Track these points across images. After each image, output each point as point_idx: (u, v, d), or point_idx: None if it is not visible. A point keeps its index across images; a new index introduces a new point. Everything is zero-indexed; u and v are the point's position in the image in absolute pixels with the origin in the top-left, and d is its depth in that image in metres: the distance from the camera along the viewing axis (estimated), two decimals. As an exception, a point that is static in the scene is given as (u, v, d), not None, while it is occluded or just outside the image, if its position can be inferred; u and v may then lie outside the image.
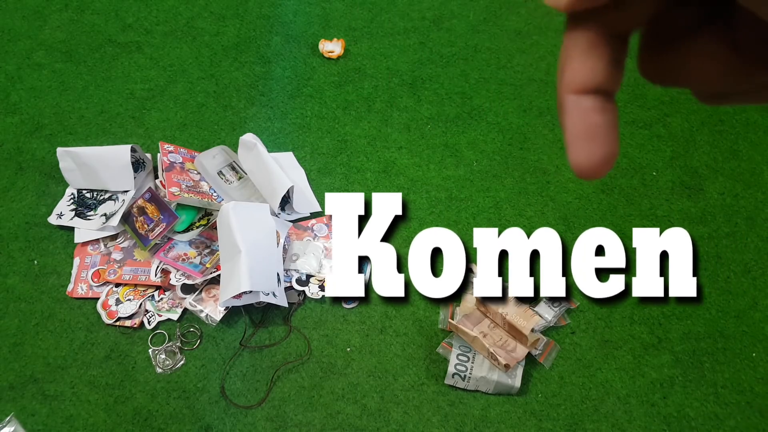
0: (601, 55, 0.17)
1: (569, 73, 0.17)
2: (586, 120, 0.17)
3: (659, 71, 0.18)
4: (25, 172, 1.31)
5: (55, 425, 1.06)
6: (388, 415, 1.07)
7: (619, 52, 0.17)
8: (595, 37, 0.17)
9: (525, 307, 1.08)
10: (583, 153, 0.17)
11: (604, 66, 0.17)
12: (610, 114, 0.17)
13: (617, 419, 1.08)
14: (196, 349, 1.13)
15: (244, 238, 1.06)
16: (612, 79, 0.17)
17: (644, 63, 0.18)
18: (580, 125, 0.17)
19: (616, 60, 0.17)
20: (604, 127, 0.17)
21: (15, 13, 1.56)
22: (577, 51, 0.17)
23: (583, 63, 0.17)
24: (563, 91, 0.17)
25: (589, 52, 0.17)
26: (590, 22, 0.17)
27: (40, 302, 1.17)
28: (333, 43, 1.50)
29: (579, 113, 0.17)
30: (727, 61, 0.16)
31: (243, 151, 1.26)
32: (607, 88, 0.17)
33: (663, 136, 1.40)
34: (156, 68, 1.48)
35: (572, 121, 0.17)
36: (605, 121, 0.17)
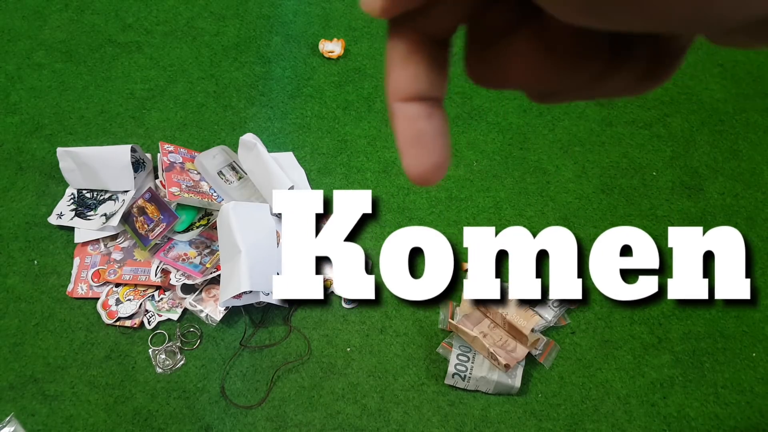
0: (419, 62, 0.17)
1: (392, 81, 0.17)
2: (413, 127, 0.17)
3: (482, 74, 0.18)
4: (25, 172, 1.31)
5: (55, 425, 1.06)
6: (388, 415, 1.07)
7: (441, 57, 0.17)
8: (413, 43, 0.17)
9: (525, 307, 1.08)
10: (413, 160, 0.17)
11: (423, 73, 0.17)
12: (436, 120, 0.17)
13: (617, 419, 1.08)
14: (196, 349, 1.13)
15: (244, 238, 1.06)
16: (433, 85, 0.17)
17: (468, 66, 0.18)
18: (407, 133, 0.17)
19: (436, 66, 0.17)
20: (431, 134, 0.17)
21: (15, 13, 1.56)
22: (397, 58, 0.17)
23: (404, 70, 0.17)
24: (389, 99, 0.17)
25: (408, 58, 0.17)
26: (407, 28, 0.16)
27: (40, 302, 1.17)
28: (333, 43, 1.50)
29: (405, 121, 0.17)
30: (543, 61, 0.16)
31: (243, 151, 1.26)
32: (431, 94, 0.17)
33: (663, 136, 1.40)
34: (156, 68, 1.48)
35: (400, 129, 0.17)
36: (432, 128, 0.17)
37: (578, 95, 0.17)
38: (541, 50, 0.16)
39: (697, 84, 1.48)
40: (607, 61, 0.16)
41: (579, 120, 1.42)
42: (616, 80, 0.16)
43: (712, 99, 1.46)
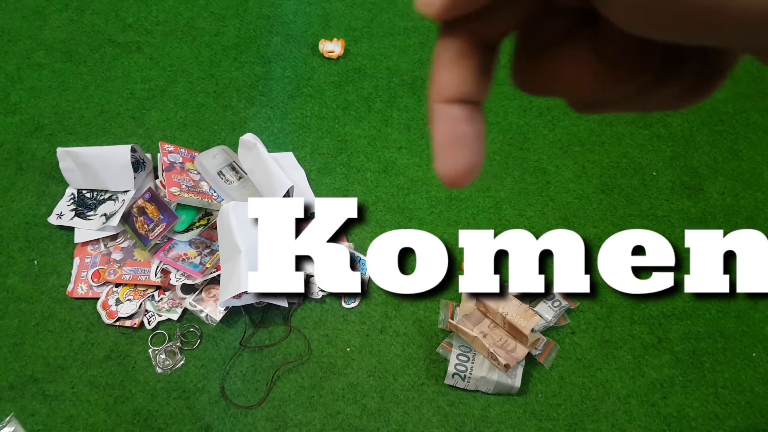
0: (468, 65, 0.17)
1: (437, 83, 0.17)
2: (453, 129, 0.17)
3: (531, 81, 0.18)
4: (25, 172, 1.31)
5: (55, 425, 1.06)
6: (388, 415, 1.07)
7: (488, 62, 0.17)
8: (465, 46, 0.17)
9: (525, 307, 1.08)
10: (448, 162, 0.17)
11: (471, 76, 0.17)
12: (476, 124, 0.17)
13: (617, 419, 1.08)
14: (196, 349, 1.13)
15: (244, 238, 1.06)
16: (479, 89, 0.17)
17: (516, 74, 0.18)
18: (446, 134, 0.17)
19: (484, 70, 0.17)
20: (470, 137, 0.17)
21: (15, 13, 1.56)
22: (446, 60, 0.17)
23: (451, 72, 0.17)
24: (432, 100, 0.17)
25: (457, 61, 0.17)
26: (460, 31, 0.17)
27: (40, 302, 1.17)
28: (333, 43, 1.50)
29: (446, 122, 0.17)
30: (593, 70, 0.16)
31: (243, 151, 1.26)
32: (475, 98, 0.17)
33: (663, 136, 1.40)
34: (156, 68, 1.48)
35: (439, 130, 0.17)
36: (471, 131, 0.17)
37: (622, 107, 0.18)
38: (594, 60, 0.16)
39: (697, 84, 1.48)
40: (656, 73, 0.16)
41: (579, 120, 1.42)
42: (661, 93, 0.17)
43: (712, 99, 1.46)
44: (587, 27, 0.16)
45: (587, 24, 0.16)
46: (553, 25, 0.17)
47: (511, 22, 0.17)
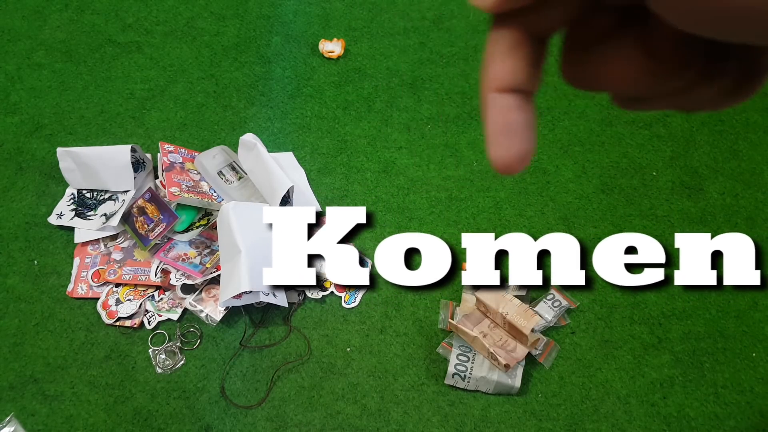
0: (521, 56, 0.17)
1: (491, 72, 0.18)
2: (506, 118, 0.18)
3: (579, 75, 0.19)
4: (25, 172, 1.31)
5: (55, 425, 1.06)
6: (388, 415, 1.07)
7: (539, 54, 0.18)
8: (517, 38, 0.17)
9: (525, 307, 1.08)
10: (501, 149, 0.18)
11: (523, 67, 0.18)
12: (527, 113, 0.18)
13: (617, 419, 1.08)
14: (196, 349, 1.13)
15: (244, 238, 1.06)
16: (531, 79, 0.18)
17: (565, 67, 0.19)
18: (499, 122, 0.18)
19: (536, 61, 0.18)
20: (522, 125, 0.18)
21: (15, 13, 1.56)
22: (500, 51, 0.18)
23: (505, 63, 0.18)
24: (485, 89, 0.18)
25: (510, 52, 0.17)
26: (513, 24, 0.17)
27: (40, 302, 1.17)
28: (333, 43, 1.50)
29: (499, 111, 0.18)
30: (640, 66, 0.17)
31: (243, 151, 1.26)
32: (526, 88, 0.18)
33: (663, 136, 1.40)
34: (156, 68, 1.48)
35: (493, 118, 0.18)
36: (523, 119, 0.18)
37: (666, 103, 0.18)
38: (640, 56, 0.17)
39: (697, 84, 1.48)
40: (701, 71, 0.17)
41: (579, 120, 1.42)
42: (704, 91, 0.17)
43: (712, 99, 1.46)
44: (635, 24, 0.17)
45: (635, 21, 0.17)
46: (602, 21, 0.17)
47: (562, 17, 0.17)
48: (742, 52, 0.17)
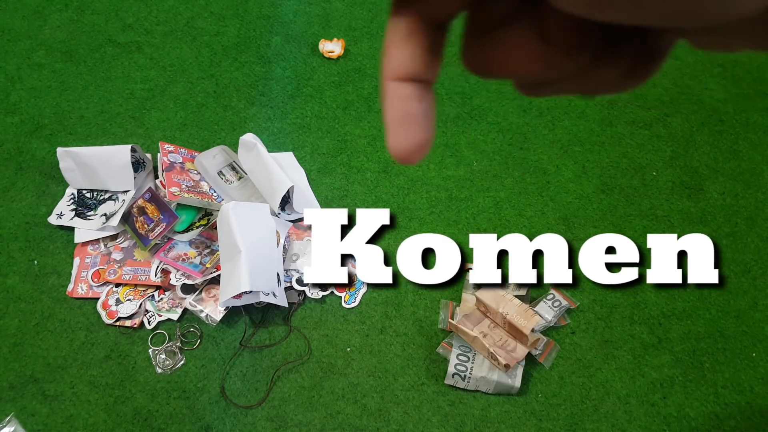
0: (418, 44, 0.17)
1: (389, 61, 0.17)
2: (403, 107, 0.17)
3: (479, 62, 0.18)
4: (25, 172, 1.31)
5: (55, 425, 1.06)
6: (388, 415, 1.07)
7: (437, 42, 0.18)
8: (414, 25, 0.17)
9: (525, 307, 1.08)
10: (399, 139, 0.18)
11: (420, 55, 0.17)
12: (426, 102, 0.18)
13: (617, 419, 1.08)
14: (196, 349, 1.13)
15: (244, 238, 1.06)
16: (428, 68, 0.17)
17: (465, 54, 0.19)
18: (397, 112, 0.17)
19: (434, 49, 0.18)
20: (420, 115, 0.17)
21: (15, 13, 1.56)
22: (397, 39, 0.17)
23: (402, 51, 0.17)
24: (384, 77, 0.18)
25: (407, 40, 0.17)
26: (410, 10, 0.17)
27: (40, 302, 1.17)
28: (333, 43, 1.50)
29: (397, 100, 0.17)
30: (537, 50, 0.17)
31: (243, 151, 1.26)
32: (424, 77, 0.18)
33: (663, 136, 1.40)
34: (156, 68, 1.48)
35: (391, 107, 0.18)
36: (421, 109, 0.18)
37: (565, 88, 0.18)
38: (536, 40, 0.17)
39: (697, 84, 1.48)
40: (596, 55, 0.17)
41: (579, 120, 1.42)
42: (601, 75, 0.17)
43: (712, 99, 1.46)
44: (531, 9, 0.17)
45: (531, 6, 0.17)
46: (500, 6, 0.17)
47: (459, 2, 0.17)
48: (638, 34, 0.17)
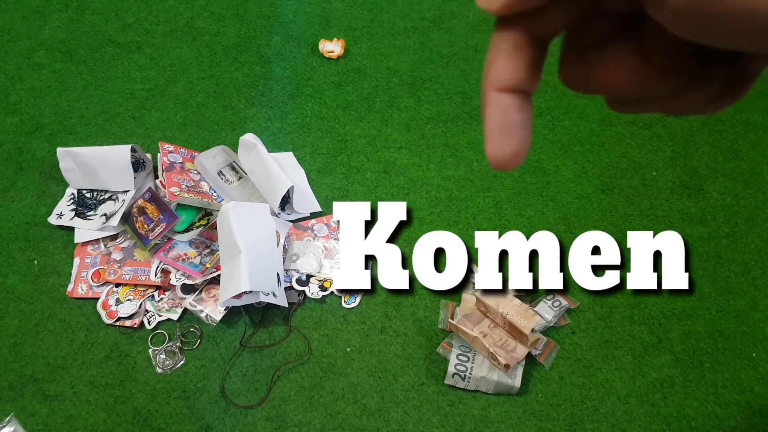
0: (523, 58, 0.18)
1: (493, 72, 0.18)
2: (504, 116, 0.18)
3: (576, 78, 0.19)
4: (25, 172, 1.31)
5: (55, 425, 1.06)
6: (388, 415, 1.07)
7: (540, 56, 0.19)
8: (520, 40, 0.18)
9: (525, 307, 1.08)
10: (498, 146, 0.19)
11: (524, 68, 0.18)
12: (525, 113, 0.19)
13: (617, 419, 1.08)
14: (196, 349, 1.13)
15: (244, 238, 1.06)
16: (531, 80, 0.19)
17: (564, 70, 0.20)
18: (498, 120, 0.18)
19: (536, 63, 0.19)
20: (519, 124, 0.18)
21: (15, 13, 1.56)
22: (503, 52, 0.18)
23: (507, 63, 0.18)
24: (486, 87, 0.19)
25: (513, 53, 0.18)
26: (517, 26, 0.18)
27: (40, 302, 1.17)
28: (333, 43, 1.50)
29: (499, 109, 0.18)
30: (635, 69, 0.18)
31: (243, 151, 1.26)
32: (526, 88, 0.19)
33: (663, 136, 1.40)
34: (156, 68, 1.48)
35: (492, 116, 0.19)
36: (521, 118, 0.19)
37: (657, 106, 0.19)
38: (635, 60, 0.18)
39: (697, 84, 1.48)
40: (691, 76, 0.18)
41: (579, 120, 1.42)
42: (694, 96, 0.18)
43: (712, 99, 1.46)
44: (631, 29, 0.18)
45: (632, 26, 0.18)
46: (601, 25, 0.18)
47: (563, 20, 0.18)
48: (731, 58, 0.18)
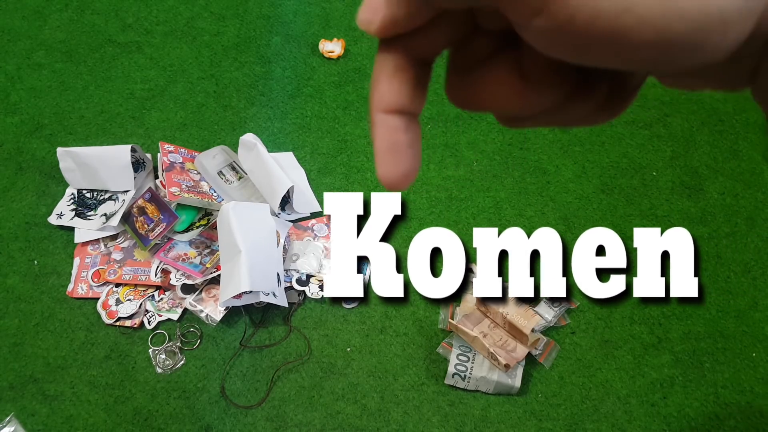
0: (405, 79, 0.18)
1: (377, 94, 0.19)
2: (391, 137, 0.19)
3: (461, 96, 0.20)
4: (25, 172, 1.31)
5: (55, 425, 1.06)
6: (388, 415, 1.07)
7: (423, 76, 0.19)
8: (402, 61, 0.18)
9: (525, 307, 1.08)
10: (387, 167, 0.19)
11: (407, 89, 0.18)
12: (412, 133, 0.19)
13: (617, 419, 1.08)
14: (196, 349, 1.13)
15: (244, 238, 1.06)
16: (415, 101, 0.19)
17: (449, 89, 0.20)
18: (385, 142, 0.19)
19: (419, 84, 0.19)
20: (406, 145, 0.19)
21: (15, 13, 1.56)
22: (385, 73, 0.18)
23: (390, 85, 0.18)
24: (373, 109, 0.19)
25: (394, 75, 0.18)
26: (398, 47, 0.18)
27: (40, 302, 1.17)
28: (333, 43, 1.50)
29: (385, 130, 0.19)
30: (515, 87, 0.18)
31: (243, 151, 1.26)
32: (411, 109, 0.19)
33: (663, 136, 1.40)
34: (156, 68, 1.48)
35: (380, 137, 0.19)
36: (408, 139, 0.19)
37: (542, 121, 0.20)
38: (515, 77, 0.18)
39: (697, 84, 1.48)
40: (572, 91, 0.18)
41: (579, 120, 1.42)
42: (576, 109, 0.19)
43: (712, 99, 1.46)
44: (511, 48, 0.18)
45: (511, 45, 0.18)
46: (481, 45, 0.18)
47: (443, 41, 0.18)
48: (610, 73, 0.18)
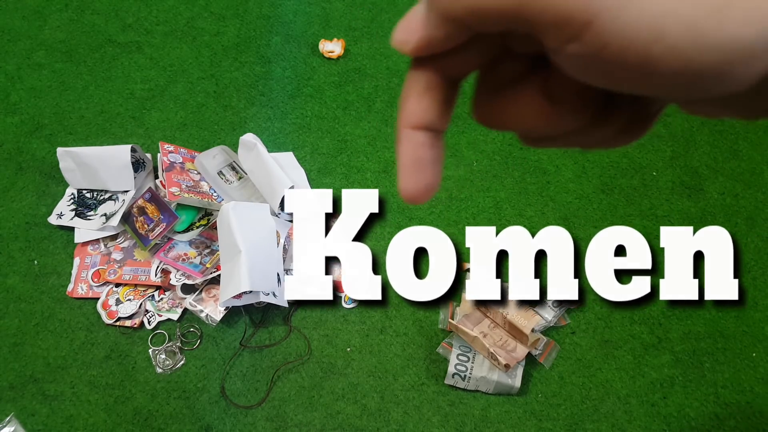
0: (434, 98, 0.19)
1: (406, 110, 0.19)
2: (416, 153, 0.19)
3: (487, 115, 0.20)
4: (25, 172, 1.31)
5: (55, 425, 1.06)
6: (388, 415, 1.07)
7: (451, 95, 0.20)
8: (432, 80, 0.19)
9: (525, 307, 1.08)
10: (410, 181, 0.19)
11: (436, 107, 0.19)
12: (437, 150, 0.20)
13: (617, 419, 1.08)
14: (196, 349, 1.13)
15: (244, 238, 1.06)
16: (442, 119, 0.19)
17: (476, 108, 0.21)
18: (410, 157, 0.19)
19: (447, 103, 0.20)
20: (430, 161, 0.19)
21: (15, 13, 1.56)
22: (416, 91, 0.19)
23: (419, 103, 0.19)
24: (400, 125, 0.19)
25: (425, 93, 0.19)
26: (430, 66, 0.19)
27: (40, 302, 1.17)
28: (333, 43, 1.50)
29: (411, 146, 0.19)
30: (541, 108, 0.19)
31: (243, 151, 1.26)
32: (437, 127, 0.19)
33: (663, 136, 1.40)
34: (156, 68, 1.48)
35: (404, 153, 0.19)
36: (432, 155, 0.20)
37: (564, 142, 0.20)
38: (542, 99, 0.19)
39: (697, 84, 1.48)
40: (595, 115, 0.19)
41: (579, 120, 1.42)
42: (598, 132, 0.20)
43: (712, 99, 1.46)
44: (539, 71, 0.19)
45: (539, 67, 0.19)
46: (511, 66, 0.19)
47: (475, 62, 0.19)
48: (632, 99, 0.19)
